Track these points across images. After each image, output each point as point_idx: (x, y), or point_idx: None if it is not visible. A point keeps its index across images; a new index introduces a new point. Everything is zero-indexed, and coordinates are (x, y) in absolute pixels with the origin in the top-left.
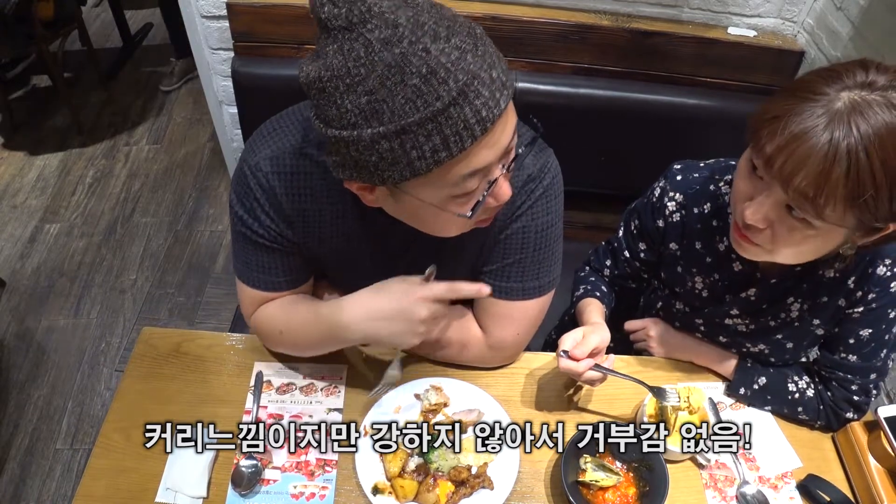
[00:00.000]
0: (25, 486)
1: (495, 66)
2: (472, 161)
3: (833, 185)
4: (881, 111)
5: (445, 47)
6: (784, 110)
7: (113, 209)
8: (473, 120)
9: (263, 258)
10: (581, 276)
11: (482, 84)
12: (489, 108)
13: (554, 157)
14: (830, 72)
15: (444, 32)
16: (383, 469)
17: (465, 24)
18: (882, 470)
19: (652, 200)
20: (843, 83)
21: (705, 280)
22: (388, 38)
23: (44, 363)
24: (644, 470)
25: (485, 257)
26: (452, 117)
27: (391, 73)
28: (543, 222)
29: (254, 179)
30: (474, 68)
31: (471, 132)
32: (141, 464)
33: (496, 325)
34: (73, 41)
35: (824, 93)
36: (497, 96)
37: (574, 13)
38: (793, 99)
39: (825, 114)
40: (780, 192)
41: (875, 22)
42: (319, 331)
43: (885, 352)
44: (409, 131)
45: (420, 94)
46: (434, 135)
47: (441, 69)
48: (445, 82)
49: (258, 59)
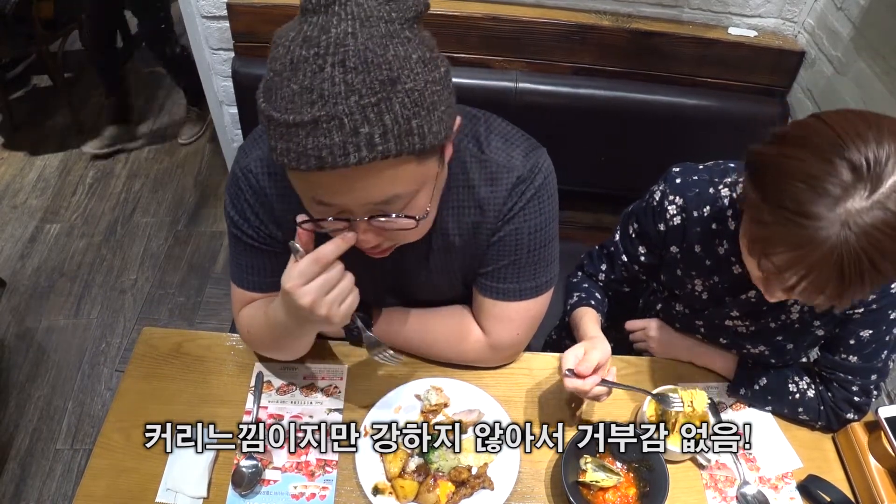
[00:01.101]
0: (25, 486)
1: (377, 125)
2: (315, 189)
3: (850, 292)
4: (876, 214)
5: (337, 76)
6: (783, 240)
7: (113, 209)
8: (312, 153)
9: (252, 259)
10: (574, 282)
11: (339, 129)
12: (332, 152)
13: (546, 157)
14: (816, 187)
15: (353, 63)
16: (383, 469)
17: (393, 70)
18: (882, 470)
19: (652, 204)
20: (833, 196)
21: (705, 283)
22: (311, 37)
23: (44, 363)
24: (644, 470)
25: (478, 260)
26: (297, 136)
27: (290, 68)
28: (536, 223)
29: (244, 181)
30: (342, 112)
31: (305, 161)
32: (141, 464)
33: (496, 325)
34: (73, 41)
35: (819, 217)
36: (349, 149)
37: (574, 13)
38: (790, 225)
39: (827, 240)
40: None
41: (875, 22)
42: (268, 329)
43: (886, 353)
44: (271, 122)
45: (291, 100)
46: (283, 139)
47: (316, 91)
48: (310, 103)
49: (258, 59)
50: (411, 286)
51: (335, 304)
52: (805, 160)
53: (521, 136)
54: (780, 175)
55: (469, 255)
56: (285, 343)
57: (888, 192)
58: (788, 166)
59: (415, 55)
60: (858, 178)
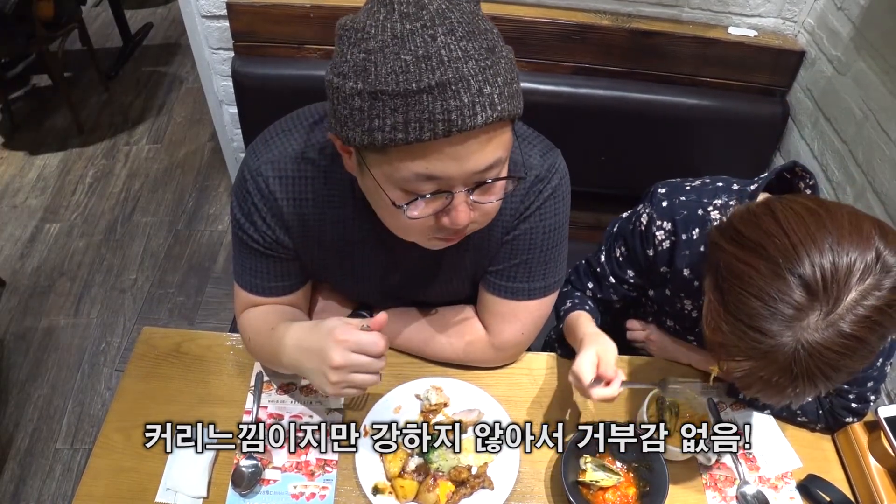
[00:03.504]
0: (25, 485)
1: (495, 86)
2: (429, 162)
3: (807, 395)
4: (828, 335)
5: (452, 42)
6: (741, 350)
7: (113, 209)
8: (440, 117)
9: (257, 263)
10: (565, 291)
11: (466, 90)
12: (461, 114)
13: (561, 158)
14: (769, 306)
15: (461, 32)
16: (383, 469)
17: (490, 39)
18: (882, 470)
19: (640, 229)
20: (786, 316)
21: (694, 303)
22: (409, 13)
23: (44, 363)
24: (644, 470)
25: (489, 258)
26: (421, 103)
27: (393, 42)
28: (551, 223)
29: (253, 184)
30: (467, 73)
31: (432, 127)
32: (141, 464)
33: (501, 324)
34: (73, 41)
35: (773, 335)
36: (477, 109)
37: (574, 13)
38: (746, 338)
39: (783, 355)
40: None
41: (875, 22)
42: (270, 346)
43: (882, 360)
44: (379, 98)
45: (405, 70)
46: (398, 112)
47: (435, 58)
48: (431, 70)
49: (258, 59)
50: (421, 288)
51: (347, 385)
52: (760, 272)
53: (537, 137)
54: (737, 285)
55: (481, 252)
56: (277, 366)
57: (843, 312)
58: (744, 276)
59: (495, 29)
60: (813, 298)
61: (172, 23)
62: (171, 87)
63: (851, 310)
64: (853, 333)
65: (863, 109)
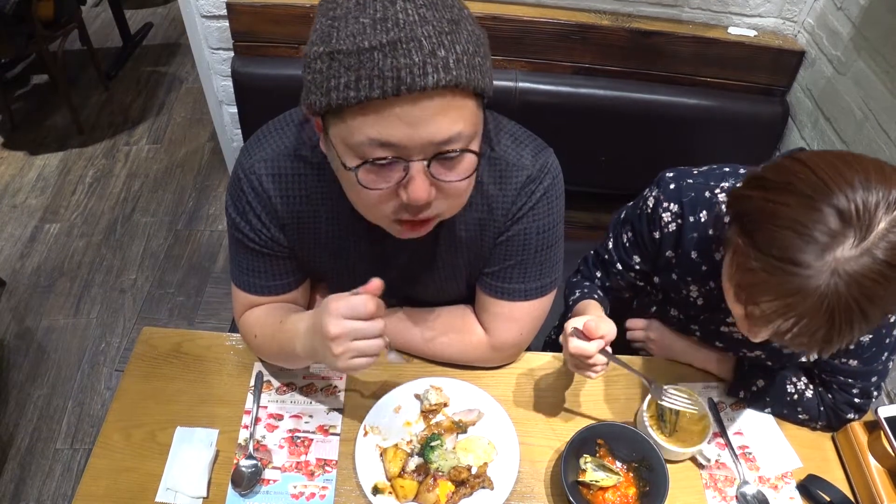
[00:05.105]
0: (25, 485)
1: (451, 52)
2: (381, 126)
3: (839, 339)
4: (865, 261)
5: (410, 8)
6: (771, 287)
7: (113, 209)
8: (389, 74)
9: (254, 262)
10: (574, 281)
11: (418, 49)
12: (411, 72)
13: (554, 157)
14: (803, 235)
15: (423, 1)
16: (383, 469)
17: (455, 14)
18: (882, 470)
19: (646, 211)
20: (821, 244)
21: (701, 289)
22: None
23: (44, 363)
24: (644, 470)
25: (484, 260)
26: (372, 60)
27: (356, 8)
28: (544, 224)
29: (247, 183)
30: (420, 35)
31: (381, 84)
32: (141, 464)
33: (499, 325)
34: (73, 41)
35: (808, 265)
36: (428, 70)
37: (574, 13)
38: (778, 273)
39: (817, 289)
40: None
41: (875, 22)
42: (280, 338)
43: (886, 355)
44: (335, 58)
45: (362, 31)
46: (351, 70)
47: (391, 20)
48: (386, 30)
49: (258, 59)
50: (417, 286)
51: (353, 353)
52: (791, 206)
53: (529, 136)
54: (767, 221)
55: (474, 253)
56: (291, 361)
57: (876, 240)
58: (774, 212)
59: (466, 11)
60: (847, 225)
61: (172, 23)
62: (171, 87)
63: (884, 237)
64: (886, 260)
65: (863, 109)
